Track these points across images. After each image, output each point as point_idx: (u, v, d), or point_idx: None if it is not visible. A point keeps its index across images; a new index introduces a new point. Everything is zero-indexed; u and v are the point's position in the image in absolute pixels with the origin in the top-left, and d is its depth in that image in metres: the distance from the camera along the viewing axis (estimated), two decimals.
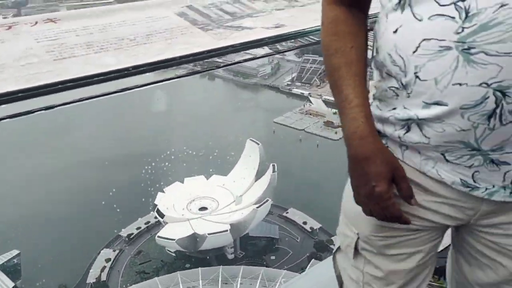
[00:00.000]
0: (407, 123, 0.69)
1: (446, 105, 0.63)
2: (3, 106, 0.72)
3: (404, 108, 0.69)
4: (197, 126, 27.33)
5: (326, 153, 24.18)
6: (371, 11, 0.75)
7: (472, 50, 0.59)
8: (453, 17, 0.59)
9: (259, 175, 22.94)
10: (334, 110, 22.90)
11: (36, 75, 0.73)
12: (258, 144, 23.59)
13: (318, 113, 28.38)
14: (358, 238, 0.82)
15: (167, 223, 20.73)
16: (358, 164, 0.72)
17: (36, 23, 0.91)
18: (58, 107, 0.77)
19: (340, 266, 0.91)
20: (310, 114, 28.97)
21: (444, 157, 0.69)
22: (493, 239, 0.77)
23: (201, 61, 0.96)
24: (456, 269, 0.88)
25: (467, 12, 0.58)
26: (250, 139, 24.15)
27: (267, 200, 21.44)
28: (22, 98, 0.69)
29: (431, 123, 0.67)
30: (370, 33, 0.77)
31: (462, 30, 0.59)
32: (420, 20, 0.62)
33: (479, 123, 0.63)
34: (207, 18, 1.03)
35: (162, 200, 21.54)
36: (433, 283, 1.70)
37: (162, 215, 20.81)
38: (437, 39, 0.61)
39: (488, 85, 0.60)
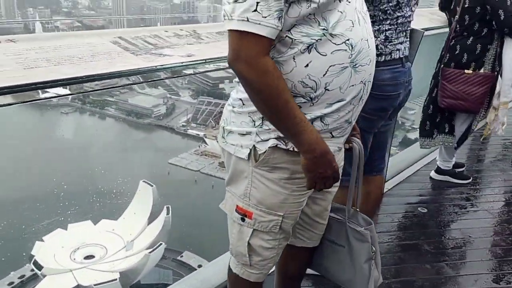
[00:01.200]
0: (311, 122, 1.10)
1: (344, 100, 1.10)
2: None
3: (305, 114, 1.09)
4: (85, 166, 26.01)
5: (221, 193, 24.53)
6: None
7: (356, 65, 1.08)
8: (346, 50, 1.06)
9: (152, 218, 22.41)
10: None
11: (13, 78, 1.00)
12: (152, 185, 23.18)
13: (213, 154, 29.01)
14: (283, 217, 1.21)
15: (45, 275, 19.02)
16: (324, 157, 1.09)
17: (0, 42, 1.17)
18: None
19: (256, 245, 1.26)
20: (206, 155, 29.48)
21: (332, 135, 1.15)
22: None
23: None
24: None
25: (352, 46, 1.06)
26: (143, 181, 23.65)
27: (160, 244, 20.94)
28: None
29: (331, 115, 1.11)
30: None
31: (351, 56, 1.06)
32: (325, 55, 1.05)
33: (355, 105, 1.13)
34: (135, 46, 1.39)
35: (41, 250, 19.76)
36: None
37: (40, 267, 19.07)
38: (338, 64, 1.06)
39: (362, 82, 1.11)
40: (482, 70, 2.75)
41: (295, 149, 1.12)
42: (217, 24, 1.81)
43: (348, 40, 1.05)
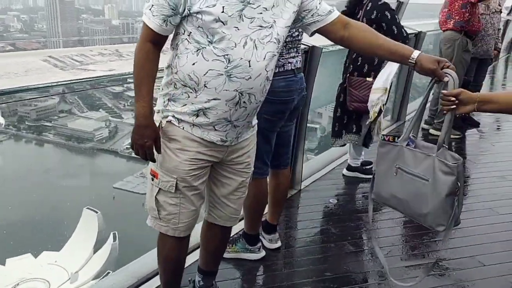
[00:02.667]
0: (197, 112, 1.50)
1: (219, 99, 1.47)
2: None
3: (193, 104, 1.49)
4: (23, 196, 24.88)
5: None
6: None
7: (231, 76, 1.45)
8: (223, 61, 1.42)
9: (98, 246, 21.77)
10: None
11: None
12: (97, 212, 22.56)
13: None
14: (177, 180, 1.57)
15: None
16: (140, 129, 1.47)
17: None
18: None
19: (161, 200, 1.60)
20: None
21: (214, 128, 1.54)
22: (231, 166, 1.67)
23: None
24: (208, 191, 1.73)
25: (229, 60, 1.42)
26: (87, 208, 22.96)
27: (108, 273, 20.40)
28: None
29: (210, 110, 1.49)
30: None
31: (227, 67, 1.43)
32: (207, 61, 1.42)
33: (231, 108, 1.50)
34: (63, 63, 1.70)
35: None
36: None
37: None
38: (215, 70, 1.43)
39: (236, 90, 1.47)
40: None
41: (185, 129, 1.53)
42: None
43: (227, 55, 1.43)
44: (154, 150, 1.53)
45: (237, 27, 1.40)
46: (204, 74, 1.43)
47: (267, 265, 2.42)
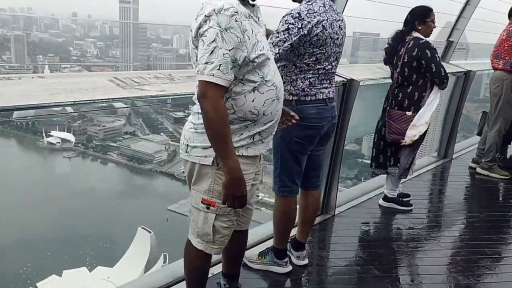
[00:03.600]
0: (253, 136, 1.71)
1: (273, 120, 1.74)
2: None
3: (250, 131, 1.69)
4: (83, 211, 26.32)
5: None
6: None
7: (279, 98, 1.73)
8: (273, 89, 1.69)
9: (149, 266, 22.45)
10: None
11: (44, 99, 1.65)
12: (150, 232, 23.37)
13: None
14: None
15: None
16: (239, 181, 1.59)
17: (33, 77, 1.84)
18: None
19: (217, 226, 1.76)
20: None
21: (262, 141, 1.77)
22: None
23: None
24: None
25: (276, 86, 1.70)
26: (141, 227, 23.85)
27: None
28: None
29: (265, 130, 1.74)
30: None
31: (276, 93, 1.71)
32: (263, 93, 1.67)
33: (277, 120, 1.76)
34: (124, 83, 2.06)
35: None
36: None
37: None
38: (270, 98, 1.69)
39: (281, 108, 1.76)
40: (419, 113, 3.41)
41: (245, 154, 1.71)
42: (188, 70, 2.49)
43: (274, 83, 1.71)
44: None
45: (270, 58, 1.70)
46: (263, 105, 1.67)
47: (292, 279, 2.60)
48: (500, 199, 4.37)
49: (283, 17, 2.22)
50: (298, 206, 2.65)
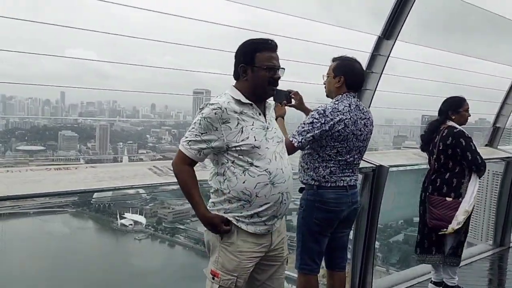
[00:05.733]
0: (252, 215, 1.98)
1: (269, 202, 1.98)
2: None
3: (248, 210, 1.97)
4: None
5: None
6: None
7: (274, 183, 1.97)
8: (266, 174, 1.96)
9: None
10: None
11: (92, 185, 2.04)
12: None
13: None
14: (237, 277, 2.00)
15: None
16: (208, 224, 1.96)
17: (86, 167, 2.27)
18: None
19: None
20: None
21: (265, 223, 2.02)
22: (270, 254, 2.10)
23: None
24: (250, 278, 2.12)
25: (270, 173, 1.96)
26: None
27: None
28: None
29: (263, 212, 1.99)
30: None
31: (270, 178, 1.96)
32: (254, 177, 1.95)
33: (277, 206, 2.01)
34: (161, 171, 2.42)
35: None
36: None
37: None
38: (262, 182, 1.96)
39: (279, 193, 1.99)
40: (460, 199, 3.44)
41: (243, 228, 1.97)
42: None
43: (267, 169, 1.96)
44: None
45: (267, 147, 1.97)
46: (254, 187, 1.95)
47: None
48: None
49: (312, 111, 2.54)
50: (325, 286, 2.76)
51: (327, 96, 2.66)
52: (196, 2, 3.65)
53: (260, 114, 2.01)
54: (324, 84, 2.67)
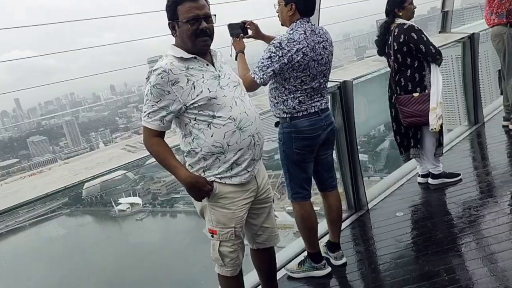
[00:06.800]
0: (231, 166, 1.98)
1: (243, 148, 1.98)
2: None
3: (225, 162, 1.97)
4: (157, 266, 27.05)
5: None
6: None
7: (241, 128, 1.96)
8: (231, 121, 1.93)
9: None
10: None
11: (69, 180, 2.03)
12: None
13: (286, 225, 29.35)
14: (235, 227, 2.05)
15: None
16: (192, 186, 1.94)
17: (60, 165, 2.24)
18: None
19: (223, 251, 2.07)
20: (279, 228, 29.84)
21: (247, 170, 2.03)
22: (259, 198, 2.16)
23: None
24: (248, 225, 2.21)
25: (234, 119, 1.94)
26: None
27: None
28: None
29: (240, 159, 1.99)
30: None
31: (236, 124, 1.94)
32: (219, 128, 1.92)
33: (252, 149, 2.02)
34: (135, 148, 2.41)
35: None
36: None
37: None
38: (230, 130, 1.94)
39: (249, 136, 1.99)
40: (426, 91, 3.53)
41: (228, 183, 1.99)
42: None
43: (230, 117, 1.95)
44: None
45: (224, 95, 1.95)
46: (224, 138, 1.94)
47: (334, 279, 2.80)
48: None
49: (268, 46, 2.50)
50: (323, 208, 2.87)
51: (282, 25, 2.63)
52: None
53: (208, 65, 1.98)
54: (277, 13, 2.62)
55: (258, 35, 2.72)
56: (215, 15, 1.97)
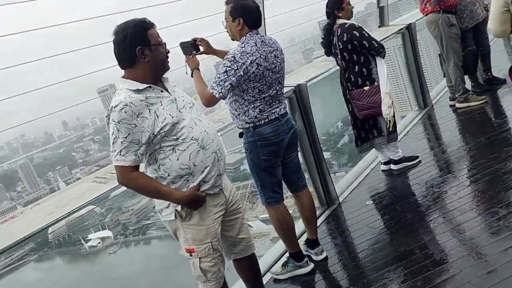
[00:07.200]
0: (200, 183, 2.02)
1: (208, 165, 2.04)
2: None
3: (193, 182, 2.01)
4: None
5: None
6: None
7: (204, 146, 2.01)
8: (194, 142, 1.97)
9: None
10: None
11: (44, 220, 2.03)
12: None
13: (261, 233, 29.38)
14: (211, 242, 2.09)
15: None
16: (188, 203, 1.98)
17: (32, 207, 2.23)
18: None
19: (204, 267, 2.11)
20: (255, 237, 29.80)
21: (214, 185, 2.08)
22: (230, 210, 2.22)
23: None
24: (224, 238, 2.26)
25: (196, 139, 1.98)
26: None
27: None
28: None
29: (207, 175, 2.04)
30: None
31: (199, 143, 1.99)
32: (184, 150, 1.96)
33: (216, 165, 2.08)
34: (106, 179, 2.43)
35: None
36: None
37: None
38: (194, 150, 1.97)
39: (213, 152, 2.05)
40: (375, 84, 3.71)
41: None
42: None
43: (193, 137, 2.00)
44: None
45: (183, 118, 2.00)
46: (189, 159, 1.98)
47: (318, 274, 2.89)
48: (491, 119, 4.58)
49: (222, 61, 2.58)
50: (297, 208, 2.98)
51: (233, 39, 2.71)
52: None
53: (162, 91, 2.00)
54: (226, 29, 2.70)
55: (210, 50, 2.80)
56: (165, 43, 2.05)
